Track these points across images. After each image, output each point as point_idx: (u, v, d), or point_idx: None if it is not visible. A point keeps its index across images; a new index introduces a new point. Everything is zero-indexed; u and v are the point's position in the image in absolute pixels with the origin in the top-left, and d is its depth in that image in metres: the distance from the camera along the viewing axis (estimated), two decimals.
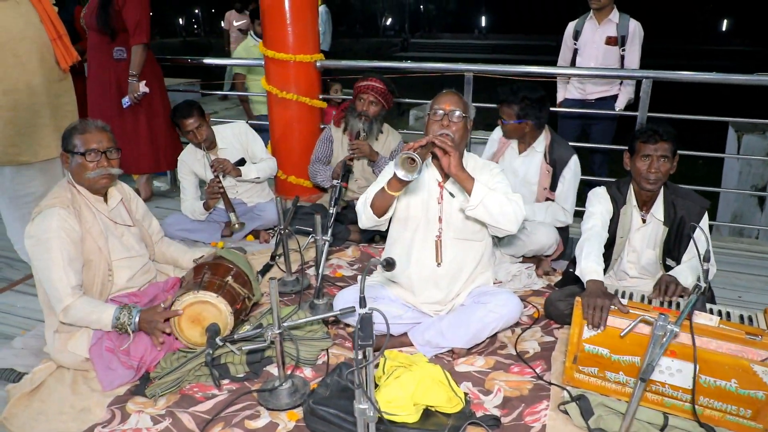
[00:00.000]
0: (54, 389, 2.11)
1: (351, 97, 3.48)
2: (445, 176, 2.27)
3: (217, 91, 8.49)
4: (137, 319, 2.12)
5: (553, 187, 2.95)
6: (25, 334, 2.51)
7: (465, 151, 2.31)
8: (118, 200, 2.36)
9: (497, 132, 3.16)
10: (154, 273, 2.53)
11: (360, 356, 1.42)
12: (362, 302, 1.45)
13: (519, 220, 2.16)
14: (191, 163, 3.40)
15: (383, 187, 2.06)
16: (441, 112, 2.18)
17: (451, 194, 2.26)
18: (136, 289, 2.40)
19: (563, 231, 3.04)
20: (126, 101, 3.68)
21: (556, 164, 2.92)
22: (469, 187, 2.07)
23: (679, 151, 2.33)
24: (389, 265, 1.64)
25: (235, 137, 3.47)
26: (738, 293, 2.99)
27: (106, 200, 2.30)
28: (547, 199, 2.99)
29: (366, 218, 2.19)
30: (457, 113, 2.18)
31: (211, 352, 1.94)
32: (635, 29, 3.74)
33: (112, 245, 2.27)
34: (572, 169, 2.91)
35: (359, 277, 2.78)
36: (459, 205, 2.17)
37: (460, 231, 2.27)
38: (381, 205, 2.12)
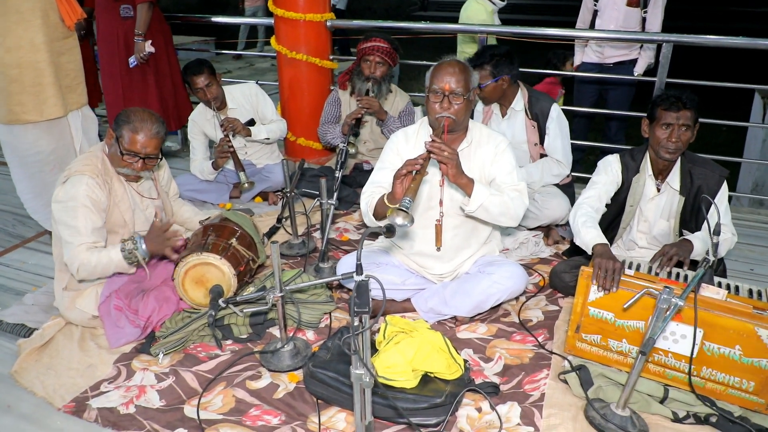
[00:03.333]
0: (63, 345, 2.15)
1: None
2: None
3: (231, 50, 8.41)
4: (144, 246, 2.11)
5: (542, 141, 2.90)
6: (36, 290, 2.55)
7: (470, 121, 2.24)
8: (149, 175, 2.35)
9: (480, 104, 3.07)
10: None
11: (356, 323, 1.41)
12: (359, 269, 1.42)
13: (520, 215, 2.15)
14: (201, 123, 3.37)
15: (383, 200, 1.99)
16: (440, 93, 2.06)
17: None
18: None
19: (571, 195, 2.99)
20: (132, 61, 3.62)
21: (538, 117, 2.85)
22: (469, 192, 2.02)
23: (701, 120, 2.23)
24: (389, 231, 1.61)
25: (245, 98, 3.43)
26: (750, 266, 2.93)
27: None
28: (542, 155, 2.93)
29: (369, 221, 2.16)
30: (458, 93, 2.04)
31: (213, 313, 1.95)
32: None
33: (137, 218, 2.28)
34: (555, 119, 2.83)
35: (365, 242, 2.78)
36: (461, 198, 2.12)
37: (463, 213, 2.22)
38: (382, 212, 2.06)
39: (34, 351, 2.10)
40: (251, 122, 3.37)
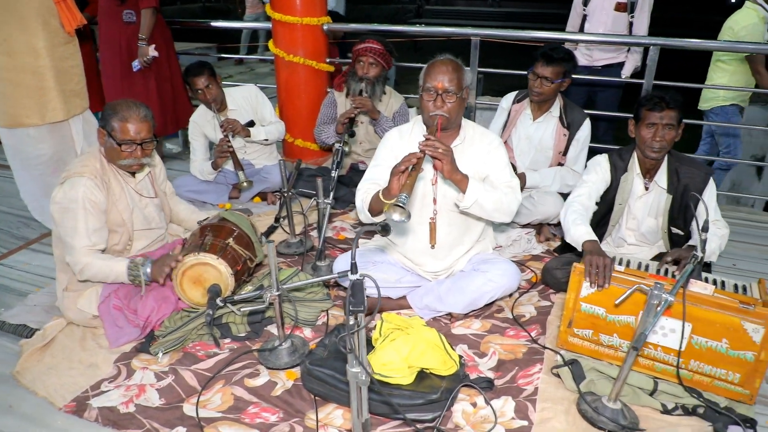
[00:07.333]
0: (64, 345, 2.10)
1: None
2: None
3: (233, 55, 8.32)
4: (149, 270, 2.07)
5: (566, 151, 2.86)
6: (38, 291, 2.50)
7: (463, 119, 2.20)
8: (146, 173, 2.30)
9: (506, 100, 3.03)
10: (167, 241, 2.50)
11: (351, 321, 1.37)
12: (354, 268, 1.38)
13: (513, 211, 2.11)
14: (202, 124, 3.33)
15: (379, 196, 1.96)
16: (434, 92, 2.02)
17: None
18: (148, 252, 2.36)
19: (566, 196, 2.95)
20: (136, 65, 3.58)
21: (570, 127, 2.82)
22: (464, 188, 1.98)
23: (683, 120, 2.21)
24: (384, 230, 1.56)
25: (245, 100, 3.39)
26: (733, 261, 2.90)
27: (133, 174, 2.24)
28: (560, 163, 2.89)
29: (364, 217, 2.13)
30: (451, 91, 2.00)
31: (211, 312, 1.90)
32: None
33: (135, 217, 2.23)
34: (585, 132, 2.83)
35: (361, 241, 2.74)
36: (455, 195, 2.08)
37: (456, 210, 2.17)
38: (377, 208, 2.04)
39: (35, 351, 2.05)
40: (251, 124, 3.33)
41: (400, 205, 1.69)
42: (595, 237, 2.05)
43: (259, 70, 8.98)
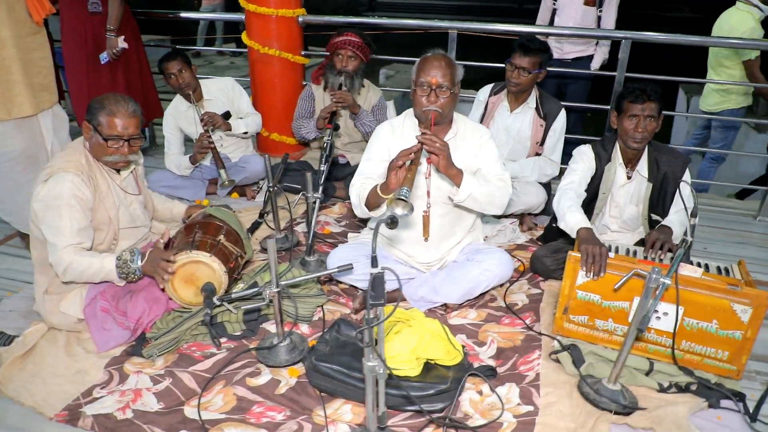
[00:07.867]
0: (47, 351, 1.99)
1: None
2: None
3: (188, 50, 8.05)
4: (140, 263, 1.98)
5: (543, 141, 2.91)
6: (11, 296, 2.35)
7: (455, 113, 2.21)
8: (130, 170, 2.20)
9: (483, 93, 3.05)
10: (151, 239, 2.40)
11: (371, 315, 1.35)
12: (374, 262, 1.36)
13: (505, 204, 2.16)
14: (178, 117, 3.22)
15: (376, 190, 1.97)
16: (428, 87, 2.02)
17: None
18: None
19: (548, 188, 3.00)
20: (104, 57, 3.39)
21: (547, 118, 2.86)
22: (458, 182, 2.00)
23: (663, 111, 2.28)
24: (393, 222, 1.55)
25: (221, 91, 3.30)
26: (703, 245, 3.04)
27: (118, 171, 2.13)
28: (537, 153, 2.93)
29: (361, 212, 2.12)
30: (444, 86, 2.00)
31: (209, 311, 1.84)
32: None
33: (121, 215, 2.13)
34: (561, 122, 2.88)
35: (350, 234, 2.71)
36: (448, 188, 2.09)
37: (450, 202, 2.18)
38: (375, 203, 2.04)
39: (16, 360, 1.93)
40: (227, 115, 3.24)
41: (403, 198, 1.69)
42: (589, 225, 2.09)
43: (218, 63, 8.73)
